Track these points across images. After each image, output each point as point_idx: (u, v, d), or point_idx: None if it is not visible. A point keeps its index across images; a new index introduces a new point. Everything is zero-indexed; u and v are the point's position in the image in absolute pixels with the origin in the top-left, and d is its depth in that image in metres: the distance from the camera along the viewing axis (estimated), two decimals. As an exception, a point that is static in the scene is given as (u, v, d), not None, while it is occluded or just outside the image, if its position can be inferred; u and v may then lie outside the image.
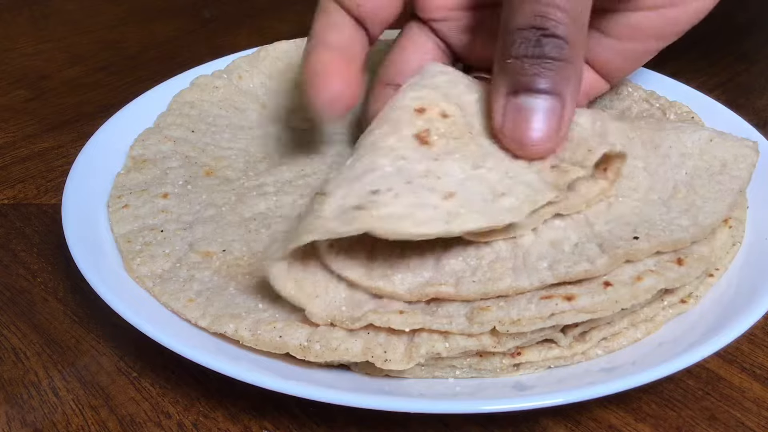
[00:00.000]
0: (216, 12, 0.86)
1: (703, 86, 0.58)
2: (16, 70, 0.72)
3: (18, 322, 0.41)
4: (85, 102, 0.65)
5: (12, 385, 0.37)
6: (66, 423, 0.35)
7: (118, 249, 0.40)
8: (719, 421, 0.35)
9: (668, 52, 0.45)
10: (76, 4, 0.88)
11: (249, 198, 0.44)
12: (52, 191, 0.53)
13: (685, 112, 0.49)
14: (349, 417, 0.35)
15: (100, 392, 0.37)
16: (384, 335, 0.33)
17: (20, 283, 0.44)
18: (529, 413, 0.35)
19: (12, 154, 0.57)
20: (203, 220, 0.42)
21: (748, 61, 0.70)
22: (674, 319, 0.36)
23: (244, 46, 0.58)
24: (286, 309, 0.35)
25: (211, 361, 0.32)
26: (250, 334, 0.33)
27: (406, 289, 0.33)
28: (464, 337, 0.32)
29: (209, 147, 0.49)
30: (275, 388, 0.31)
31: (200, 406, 0.36)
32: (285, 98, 0.56)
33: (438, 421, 0.35)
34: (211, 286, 0.37)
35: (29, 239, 0.48)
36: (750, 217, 0.41)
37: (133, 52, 0.76)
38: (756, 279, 0.37)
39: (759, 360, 0.38)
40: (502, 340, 0.32)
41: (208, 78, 0.55)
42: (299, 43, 0.59)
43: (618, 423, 0.35)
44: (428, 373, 0.34)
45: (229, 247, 0.40)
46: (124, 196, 0.43)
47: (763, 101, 0.63)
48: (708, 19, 0.44)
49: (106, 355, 0.39)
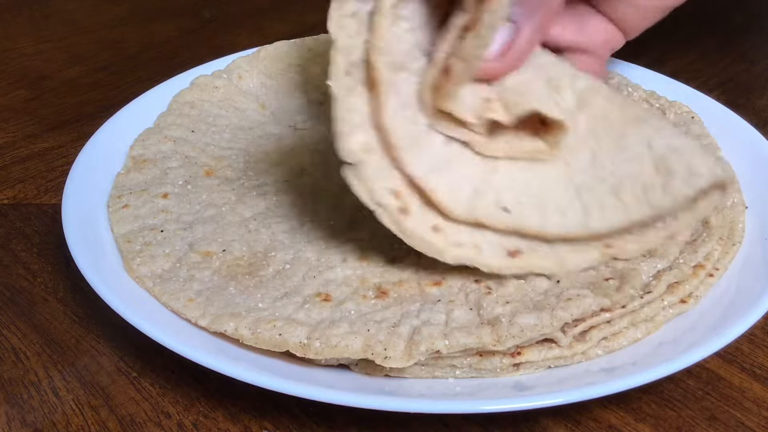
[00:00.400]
0: (216, 12, 0.86)
1: (703, 86, 0.58)
2: (16, 70, 0.72)
3: (18, 322, 0.41)
4: (85, 102, 0.65)
5: (12, 385, 0.37)
6: (66, 423, 0.35)
7: (118, 249, 0.40)
8: (719, 421, 0.35)
9: (668, 52, 0.45)
10: (76, 4, 0.88)
11: (249, 198, 0.44)
12: (52, 191, 0.53)
13: (685, 112, 0.49)
14: (349, 417, 0.35)
15: (100, 392, 0.37)
16: (384, 333, 0.33)
17: (20, 283, 0.44)
18: (529, 413, 0.35)
19: (12, 154, 0.57)
20: (203, 220, 0.42)
21: (748, 61, 0.70)
22: (674, 319, 0.36)
23: (244, 46, 0.58)
24: (287, 309, 0.35)
25: (211, 361, 0.32)
26: (250, 333, 0.33)
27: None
28: (464, 335, 0.32)
29: (209, 147, 0.49)
30: (275, 388, 0.31)
31: (200, 406, 0.36)
32: (285, 98, 0.56)
33: (438, 421, 0.34)
34: (211, 285, 0.37)
35: (29, 239, 0.48)
36: (750, 217, 0.41)
37: (133, 52, 0.76)
38: (756, 279, 0.37)
39: (759, 360, 0.38)
40: (502, 339, 0.32)
41: (208, 78, 0.55)
42: (299, 43, 0.59)
43: (618, 423, 0.35)
44: (428, 373, 0.34)
45: (229, 247, 0.40)
46: (124, 196, 0.43)
47: (763, 101, 0.63)
48: (708, 19, 0.44)
49: (106, 355, 0.39)
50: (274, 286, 0.37)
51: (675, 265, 0.36)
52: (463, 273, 0.37)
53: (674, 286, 0.36)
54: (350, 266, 0.38)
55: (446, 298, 0.36)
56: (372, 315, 0.34)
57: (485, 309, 0.34)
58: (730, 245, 0.39)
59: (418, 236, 0.35)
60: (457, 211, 0.35)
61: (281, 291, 0.36)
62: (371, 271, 0.38)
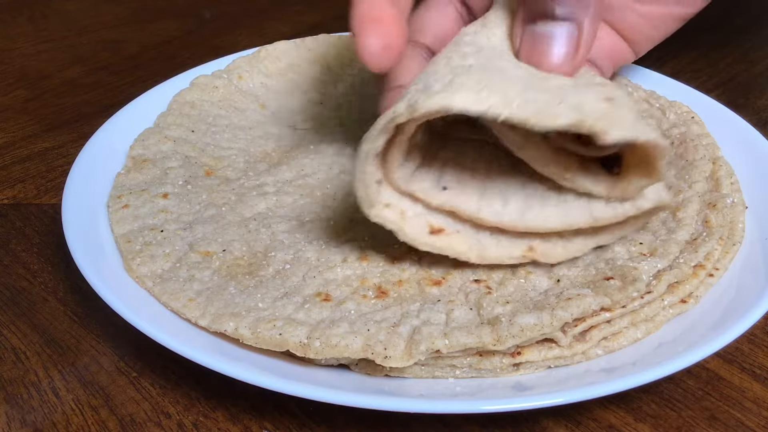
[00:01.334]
0: (216, 12, 0.86)
1: (703, 86, 0.58)
2: (16, 70, 0.72)
3: (18, 322, 0.41)
4: (85, 102, 0.65)
5: (12, 385, 0.37)
6: (66, 423, 0.35)
7: (118, 249, 0.40)
8: (719, 421, 0.35)
9: (668, 52, 0.45)
10: (76, 4, 0.88)
11: (249, 198, 0.44)
12: (52, 191, 0.53)
13: (685, 112, 0.49)
14: (349, 417, 0.35)
15: (100, 392, 0.37)
16: (384, 333, 0.33)
17: (20, 283, 0.44)
18: (529, 413, 0.35)
19: (12, 154, 0.57)
20: (203, 220, 0.42)
21: (748, 61, 0.70)
22: (674, 319, 0.36)
23: (244, 46, 0.58)
24: (287, 308, 0.35)
25: (211, 361, 0.32)
26: (250, 333, 0.33)
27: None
28: (464, 334, 0.32)
29: (209, 147, 0.49)
30: (275, 388, 0.31)
31: (200, 406, 0.36)
32: (285, 98, 0.56)
33: (438, 421, 0.34)
34: (211, 285, 0.37)
35: (29, 239, 0.48)
36: (750, 217, 0.41)
37: (133, 52, 0.76)
38: (756, 279, 0.37)
39: (759, 360, 0.38)
40: (502, 338, 0.32)
41: (208, 78, 0.55)
42: (299, 43, 0.59)
43: (618, 423, 0.35)
44: (428, 373, 0.34)
45: (229, 247, 0.40)
46: (124, 196, 0.43)
47: (763, 101, 0.63)
48: (708, 19, 0.44)
49: (106, 355, 0.39)
50: (274, 285, 0.37)
51: (675, 265, 0.36)
52: (464, 273, 0.37)
53: (674, 285, 0.36)
54: (350, 266, 0.38)
55: (446, 298, 0.36)
56: (372, 315, 0.34)
57: (485, 309, 0.34)
58: (730, 245, 0.39)
59: (362, 181, 0.35)
60: (396, 175, 0.36)
61: (281, 291, 0.36)
62: (371, 271, 0.38)
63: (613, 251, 0.38)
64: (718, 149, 0.45)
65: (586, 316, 0.34)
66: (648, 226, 0.40)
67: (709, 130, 0.47)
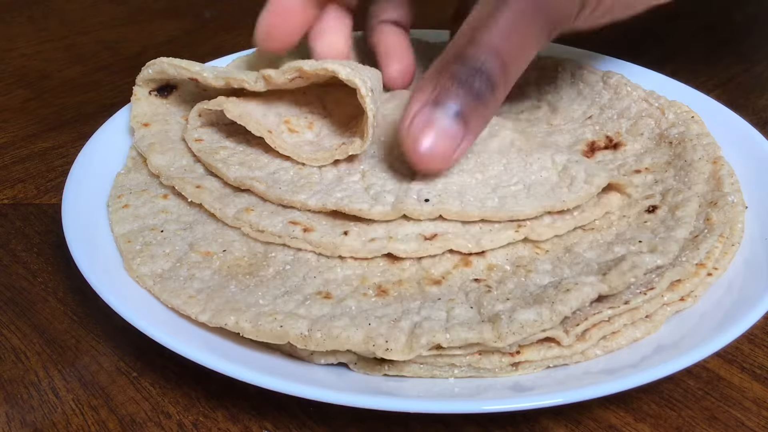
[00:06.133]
0: (216, 12, 0.86)
1: (703, 86, 0.58)
2: (16, 70, 0.72)
3: (18, 322, 0.41)
4: (85, 102, 0.65)
5: (12, 385, 0.37)
6: (66, 423, 0.35)
7: (118, 249, 0.40)
8: (719, 421, 0.35)
9: (668, 52, 0.45)
10: (76, 4, 0.88)
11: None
12: (52, 191, 0.53)
13: (685, 111, 0.49)
14: (349, 417, 0.35)
15: (100, 392, 0.37)
16: (385, 327, 0.33)
17: (20, 283, 0.44)
18: (529, 413, 0.35)
19: (12, 154, 0.57)
20: (203, 220, 0.42)
21: (747, 61, 0.70)
22: (674, 320, 0.36)
23: (244, 46, 0.58)
24: (288, 305, 0.35)
25: (211, 361, 0.32)
26: (251, 326, 0.33)
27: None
28: (465, 329, 0.32)
29: (209, 147, 0.49)
30: (275, 388, 0.31)
31: (200, 406, 0.36)
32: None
33: (438, 421, 0.35)
34: (212, 284, 0.37)
35: (29, 239, 0.48)
36: (750, 217, 0.41)
37: (133, 52, 0.76)
38: (756, 279, 0.37)
39: (759, 360, 0.38)
40: (503, 335, 0.32)
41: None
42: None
43: (618, 423, 0.35)
44: (427, 372, 0.34)
45: (230, 247, 0.40)
46: (124, 195, 0.43)
47: (763, 101, 0.63)
48: (708, 19, 0.44)
49: (106, 355, 0.39)
50: (274, 285, 0.37)
51: (678, 263, 0.36)
52: (463, 273, 0.37)
53: (675, 284, 0.36)
54: (350, 266, 0.38)
55: (446, 296, 0.36)
56: (373, 311, 0.34)
57: (486, 308, 0.34)
58: (729, 245, 0.39)
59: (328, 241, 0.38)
60: (382, 214, 0.38)
61: (282, 290, 0.36)
62: (371, 271, 0.38)
63: (613, 252, 0.38)
64: (719, 149, 0.45)
65: (588, 315, 0.34)
66: (647, 224, 0.40)
67: (709, 130, 0.47)
